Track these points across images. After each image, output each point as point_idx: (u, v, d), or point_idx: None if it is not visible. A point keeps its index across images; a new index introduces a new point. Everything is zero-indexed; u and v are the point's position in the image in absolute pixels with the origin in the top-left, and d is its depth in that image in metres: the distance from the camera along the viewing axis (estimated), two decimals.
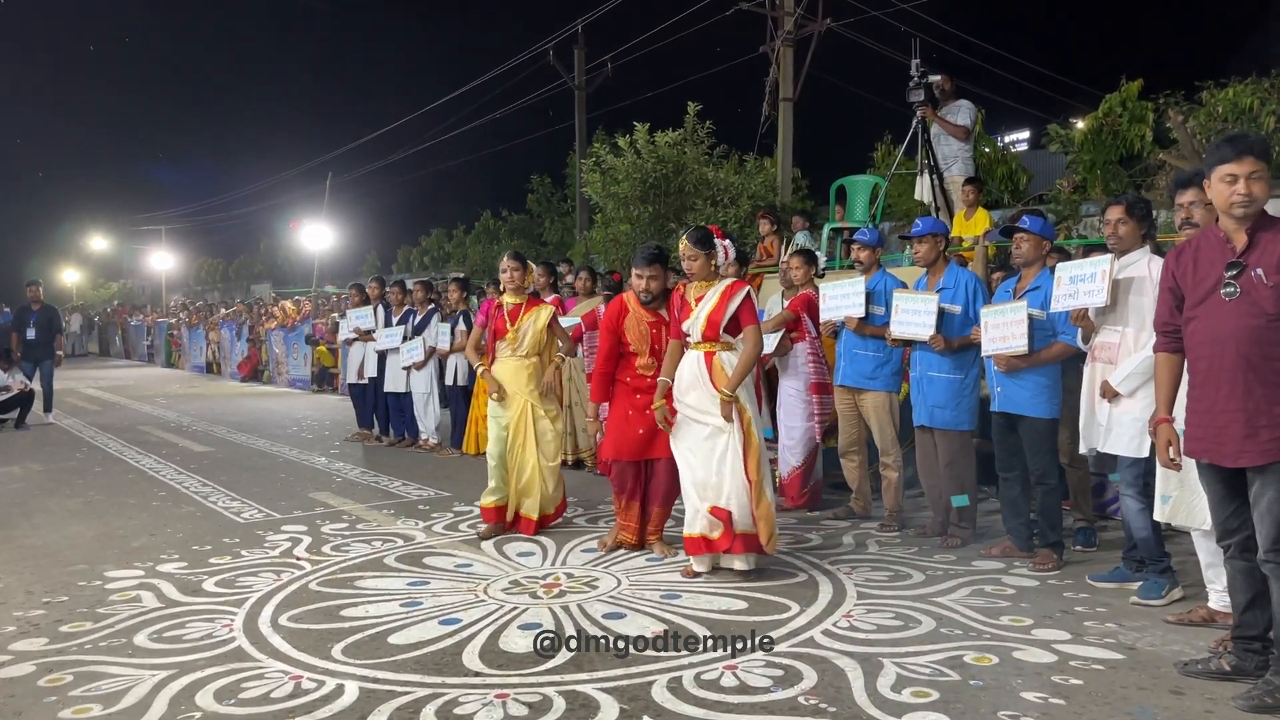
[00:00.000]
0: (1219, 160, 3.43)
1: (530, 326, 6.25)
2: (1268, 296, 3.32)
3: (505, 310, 6.31)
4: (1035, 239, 5.14)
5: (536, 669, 3.84)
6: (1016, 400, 5.11)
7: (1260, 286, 3.34)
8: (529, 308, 6.32)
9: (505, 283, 6.39)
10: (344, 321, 10.84)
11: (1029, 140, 25.52)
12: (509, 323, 6.25)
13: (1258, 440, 3.35)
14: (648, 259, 5.48)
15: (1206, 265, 3.51)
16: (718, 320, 5.02)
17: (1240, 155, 3.37)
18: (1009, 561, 5.21)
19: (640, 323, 5.56)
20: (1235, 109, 10.42)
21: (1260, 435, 3.34)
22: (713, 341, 5.05)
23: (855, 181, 11.01)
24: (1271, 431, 3.32)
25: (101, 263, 53.40)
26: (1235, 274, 3.40)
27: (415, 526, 6.39)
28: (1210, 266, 3.49)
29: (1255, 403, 3.35)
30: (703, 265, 5.15)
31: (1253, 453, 3.37)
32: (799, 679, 3.68)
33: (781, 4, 15.50)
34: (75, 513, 7.03)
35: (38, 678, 3.85)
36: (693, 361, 5.10)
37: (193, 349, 24.20)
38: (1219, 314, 3.44)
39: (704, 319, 5.05)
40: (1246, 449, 3.38)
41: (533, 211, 29.04)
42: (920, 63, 9.05)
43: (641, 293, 5.50)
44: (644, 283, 5.48)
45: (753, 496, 4.92)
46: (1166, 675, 3.66)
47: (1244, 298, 3.38)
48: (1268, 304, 3.32)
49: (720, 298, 5.06)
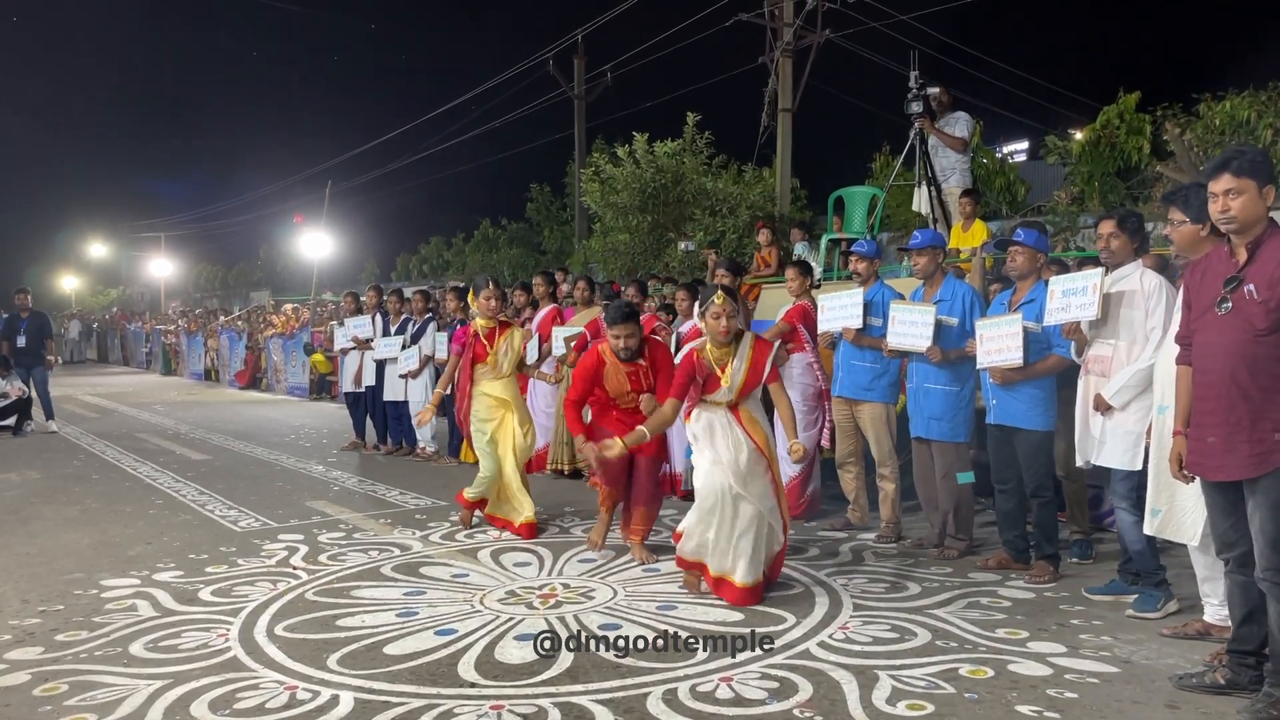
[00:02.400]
0: (1204, 178, 3.50)
1: (508, 347, 6.67)
2: (1257, 312, 3.33)
3: (482, 335, 6.66)
4: (1030, 252, 5.16)
5: (532, 680, 3.84)
6: (1012, 413, 5.12)
7: (1251, 302, 3.35)
8: (502, 331, 6.73)
9: (484, 310, 6.71)
10: (341, 330, 10.84)
11: (1027, 151, 25.60)
12: (488, 346, 6.63)
13: (1236, 455, 3.37)
14: (622, 318, 5.40)
15: (1212, 279, 3.52)
16: (757, 379, 4.94)
17: (1216, 173, 3.42)
18: (1005, 574, 5.21)
19: (618, 373, 5.56)
20: (1233, 121, 10.45)
21: (1239, 450, 3.36)
22: (744, 397, 4.97)
23: (854, 192, 11.02)
24: (1252, 447, 3.33)
25: (100, 269, 53.46)
26: (1231, 288, 3.42)
27: (412, 536, 6.39)
28: (1214, 281, 3.51)
29: (1238, 417, 3.37)
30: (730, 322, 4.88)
31: (1231, 467, 3.40)
32: (794, 691, 3.68)
33: (780, 15, 15.54)
34: (72, 520, 7.03)
35: (33, 687, 3.84)
36: (717, 417, 4.94)
37: (191, 356, 24.20)
38: (1214, 328, 3.47)
39: (741, 379, 4.89)
40: (1226, 463, 3.41)
41: (532, 220, 29.10)
42: (919, 74, 9.08)
43: (621, 351, 5.48)
44: (621, 341, 5.43)
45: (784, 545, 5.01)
46: (1162, 689, 3.66)
47: (1236, 313, 3.39)
48: (1257, 319, 3.33)
49: (752, 361, 4.91)
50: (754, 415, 4.96)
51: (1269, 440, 3.31)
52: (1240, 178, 3.35)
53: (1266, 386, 3.32)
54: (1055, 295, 4.80)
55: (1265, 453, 3.31)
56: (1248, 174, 3.35)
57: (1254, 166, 3.37)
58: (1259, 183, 3.35)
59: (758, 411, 5.02)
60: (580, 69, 22.13)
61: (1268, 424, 3.32)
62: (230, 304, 36.55)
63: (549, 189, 28.44)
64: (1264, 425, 3.32)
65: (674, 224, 13.93)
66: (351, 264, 35.77)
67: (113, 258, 51.99)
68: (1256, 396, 3.33)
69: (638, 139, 13.95)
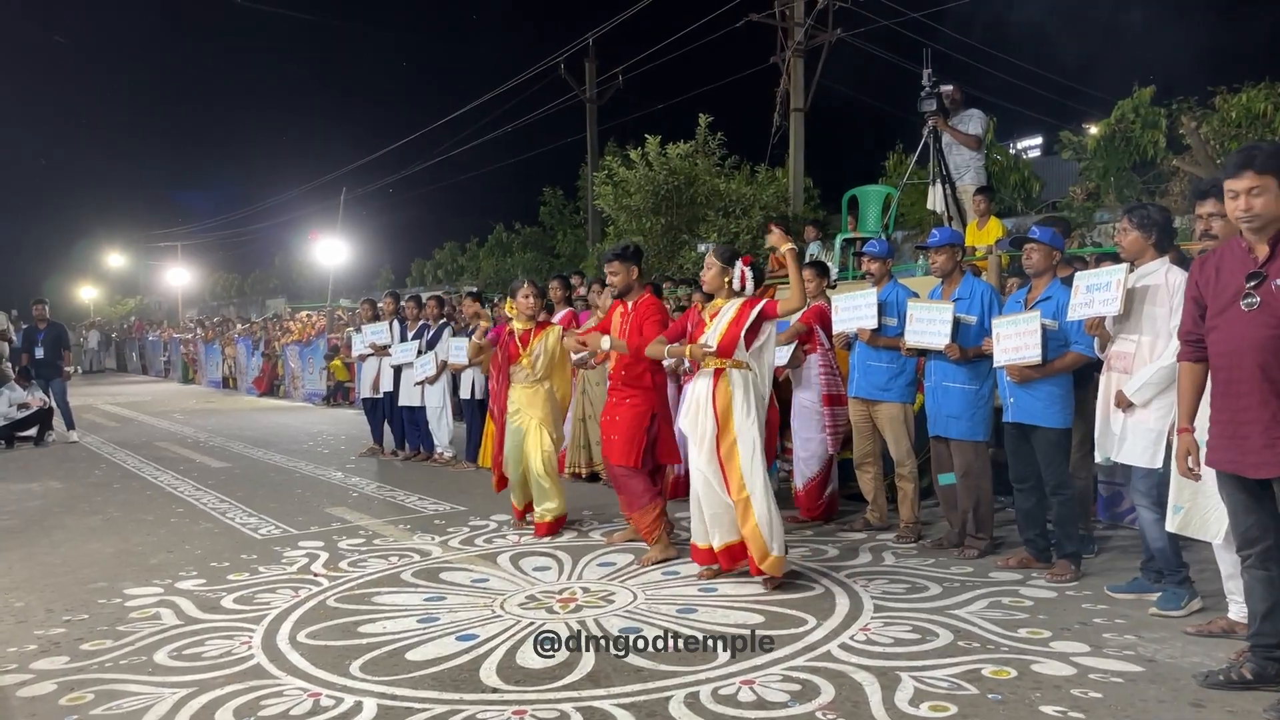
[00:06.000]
0: (1224, 176, 3.48)
1: (542, 349, 6.53)
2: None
3: (516, 336, 6.59)
4: (1045, 249, 5.13)
5: (554, 685, 3.84)
6: (1030, 410, 5.10)
7: (1279, 297, 3.34)
8: (538, 331, 6.60)
9: (522, 309, 6.61)
10: (359, 336, 10.89)
11: (1041, 147, 25.47)
12: (521, 348, 6.53)
13: (1276, 451, 3.34)
14: (613, 256, 5.97)
15: (1229, 275, 3.51)
16: (734, 337, 5.05)
17: (1238, 171, 3.40)
18: (1026, 572, 5.19)
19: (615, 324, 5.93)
20: (1249, 114, 10.39)
21: (1278, 446, 3.34)
22: (725, 358, 5.07)
23: (868, 191, 10.99)
24: None
25: (118, 279, 53.82)
26: (1255, 284, 3.41)
27: (431, 541, 6.41)
28: (1232, 277, 3.49)
29: (1273, 413, 3.35)
30: (715, 277, 5.19)
31: (1273, 464, 3.37)
32: (816, 693, 3.68)
33: (791, 15, 15.54)
34: (95, 529, 7.08)
35: (59, 696, 3.87)
36: (701, 385, 5.15)
37: (209, 364, 24.35)
38: (1238, 324, 3.45)
39: (722, 330, 5.08)
40: (1267, 459, 3.38)
41: (545, 224, 29.13)
42: (932, 72, 9.05)
43: (611, 289, 6.01)
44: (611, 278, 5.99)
45: (739, 515, 5.01)
46: (1187, 688, 3.64)
47: (1263, 308, 3.38)
48: None
49: (738, 311, 5.10)
50: (730, 387, 5.05)
51: None
52: (1263, 175, 3.34)
53: None
54: (1079, 290, 4.77)
55: None
56: (1270, 171, 3.34)
57: (1274, 162, 3.36)
58: (1279, 179, 3.34)
59: (737, 387, 5.06)
60: (592, 72, 22.17)
61: None
62: (246, 312, 36.75)
63: (562, 192, 28.49)
64: None
65: (687, 226, 13.94)
66: (367, 270, 35.87)
67: (130, 267, 52.33)
68: None
69: (650, 141, 13.96)
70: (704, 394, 5.10)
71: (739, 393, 5.05)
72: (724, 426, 5.02)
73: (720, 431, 5.03)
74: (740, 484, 4.98)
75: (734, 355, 5.07)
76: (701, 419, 5.09)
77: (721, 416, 5.02)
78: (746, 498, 4.96)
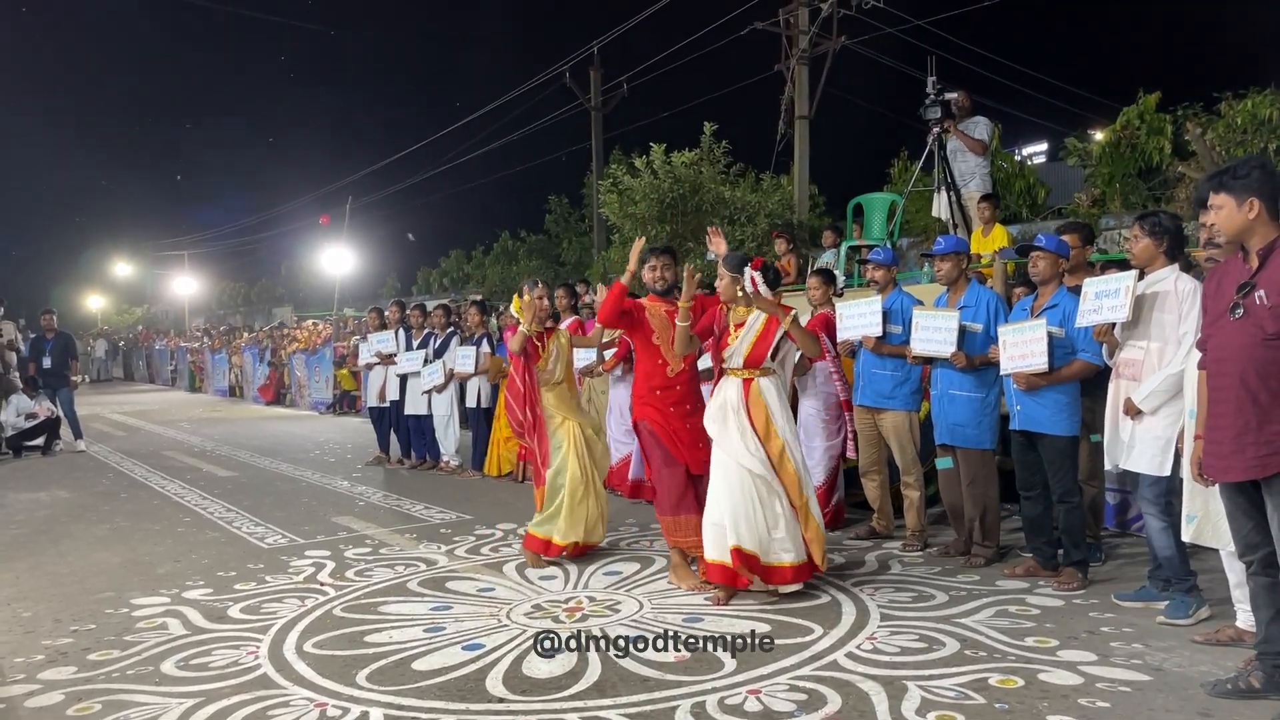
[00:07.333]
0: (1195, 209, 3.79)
1: (557, 350, 6.42)
2: (1267, 316, 3.38)
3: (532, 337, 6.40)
4: (1051, 257, 5.13)
5: (560, 694, 3.84)
6: (1036, 418, 5.09)
7: (1262, 307, 3.40)
8: (549, 334, 6.48)
9: (537, 311, 6.29)
10: (365, 345, 10.92)
11: (1046, 153, 25.47)
12: (540, 348, 6.36)
13: (1243, 456, 3.43)
14: (659, 251, 5.61)
15: (1228, 286, 3.59)
16: (763, 351, 5.04)
17: (1208, 195, 3.58)
18: (1033, 581, 5.18)
19: (658, 315, 5.51)
20: (1254, 120, 10.36)
21: (1246, 452, 3.41)
22: (753, 368, 5.07)
23: (872, 199, 11.01)
24: (1258, 449, 3.38)
25: (125, 288, 53.95)
26: (1243, 294, 3.48)
27: (438, 550, 6.41)
28: (1229, 287, 3.57)
29: (1245, 419, 3.42)
30: (728, 287, 5.15)
31: (1237, 468, 3.45)
32: (823, 703, 3.67)
33: (795, 22, 15.56)
34: (102, 539, 7.10)
35: (66, 707, 3.88)
36: (730, 390, 5.08)
37: (215, 373, 24.40)
38: (1226, 334, 3.53)
39: (748, 345, 5.05)
40: (1233, 465, 3.47)
41: (550, 232, 29.15)
42: (937, 79, 9.07)
43: (657, 283, 5.56)
44: (657, 273, 5.56)
45: (800, 520, 4.96)
46: (1195, 697, 3.62)
47: (1248, 318, 3.44)
48: (1267, 324, 3.38)
49: (764, 327, 5.07)
50: (763, 396, 5.01)
51: (1276, 443, 3.36)
52: (1218, 194, 3.53)
53: (1276, 390, 3.38)
54: (1088, 297, 4.78)
55: (1270, 454, 3.36)
56: (1221, 189, 3.52)
57: (1221, 179, 3.54)
58: (1236, 197, 3.47)
59: (770, 395, 5.03)
60: (596, 81, 22.20)
61: (1275, 426, 3.37)
62: (253, 320, 36.83)
63: (567, 201, 28.50)
64: (1271, 428, 3.37)
65: (693, 234, 13.93)
66: (372, 278, 35.92)
67: (137, 276, 52.46)
68: (1265, 399, 3.39)
69: (655, 149, 13.96)
70: (735, 399, 5.05)
71: (773, 399, 5.03)
72: (766, 435, 4.98)
73: (765, 440, 4.96)
74: (798, 489, 4.97)
75: (762, 365, 5.08)
76: (737, 426, 4.96)
77: (762, 426, 4.98)
78: (805, 501, 4.98)
